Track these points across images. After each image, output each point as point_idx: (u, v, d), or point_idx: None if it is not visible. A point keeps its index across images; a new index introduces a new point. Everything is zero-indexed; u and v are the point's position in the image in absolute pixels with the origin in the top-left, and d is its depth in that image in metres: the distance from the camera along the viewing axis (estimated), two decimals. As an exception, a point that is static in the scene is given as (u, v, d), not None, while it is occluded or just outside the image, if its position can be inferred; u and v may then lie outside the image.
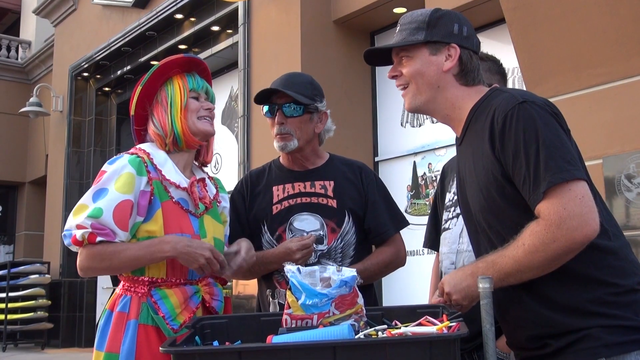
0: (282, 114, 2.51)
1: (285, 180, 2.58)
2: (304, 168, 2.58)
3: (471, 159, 1.82)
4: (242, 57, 8.18)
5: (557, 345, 1.65)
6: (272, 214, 2.53)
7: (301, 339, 1.60)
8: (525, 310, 1.72)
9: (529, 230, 1.61)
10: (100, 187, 2.14)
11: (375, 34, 7.86)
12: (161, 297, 2.12)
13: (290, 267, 1.82)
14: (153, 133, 2.33)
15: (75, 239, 2.07)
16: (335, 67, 7.34)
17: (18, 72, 15.63)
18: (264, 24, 8.01)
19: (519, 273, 1.63)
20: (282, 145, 2.53)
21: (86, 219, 2.07)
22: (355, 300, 1.76)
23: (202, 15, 9.34)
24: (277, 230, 2.52)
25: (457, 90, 1.87)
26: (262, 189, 2.61)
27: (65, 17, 13.04)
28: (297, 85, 2.53)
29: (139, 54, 10.90)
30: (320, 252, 2.45)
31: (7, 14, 19.23)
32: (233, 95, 9.85)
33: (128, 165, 2.18)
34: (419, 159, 7.08)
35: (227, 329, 1.93)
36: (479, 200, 1.78)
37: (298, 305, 1.74)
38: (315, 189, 2.52)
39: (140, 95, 2.32)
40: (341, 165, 2.63)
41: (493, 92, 1.84)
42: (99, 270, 2.17)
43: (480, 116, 1.79)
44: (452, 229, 2.46)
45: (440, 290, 1.80)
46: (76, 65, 12.22)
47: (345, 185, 2.54)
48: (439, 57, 1.87)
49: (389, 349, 1.42)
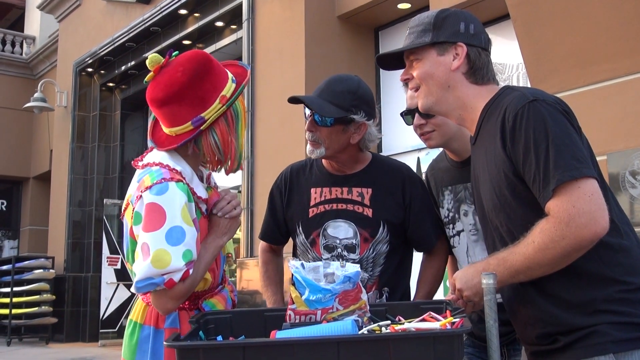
0: (312, 122, 2.44)
1: (323, 183, 2.54)
2: (343, 173, 2.54)
3: (484, 158, 1.83)
4: (246, 53, 8.17)
5: (566, 340, 1.65)
6: (308, 217, 2.52)
7: (305, 334, 1.60)
8: (535, 309, 1.73)
9: (538, 228, 1.61)
10: (171, 227, 1.93)
11: (379, 29, 7.85)
12: (211, 307, 2.13)
13: (294, 263, 1.82)
14: (207, 150, 2.07)
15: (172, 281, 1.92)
16: (340, 62, 7.34)
17: (22, 68, 15.66)
18: (268, 19, 8.01)
19: (529, 270, 1.64)
20: (310, 150, 2.48)
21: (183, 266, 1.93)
22: (359, 295, 1.76)
23: (206, 11, 9.34)
24: (312, 235, 2.51)
25: (468, 89, 1.88)
26: (300, 188, 2.59)
27: (70, 13, 13.06)
28: (334, 94, 2.41)
29: (143, 50, 10.91)
30: (352, 261, 2.38)
31: (12, 9, 19.24)
32: (237, 91, 9.85)
33: (180, 193, 1.98)
34: (423, 154, 7.07)
35: (230, 324, 1.94)
36: (492, 199, 1.80)
37: (302, 301, 1.74)
38: (352, 195, 2.48)
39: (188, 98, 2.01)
40: (383, 170, 2.55)
41: (504, 90, 1.84)
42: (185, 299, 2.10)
43: (492, 115, 1.80)
44: (457, 247, 2.45)
45: (452, 286, 1.81)
46: (80, 61, 12.24)
47: (384, 194, 2.48)
48: (446, 57, 1.88)
49: (393, 344, 1.42)
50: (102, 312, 10.86)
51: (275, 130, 7.56)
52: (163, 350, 2.06)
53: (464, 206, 2.41)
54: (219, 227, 2.12)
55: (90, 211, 12.17)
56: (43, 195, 14.70)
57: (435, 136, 2.40)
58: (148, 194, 1.95)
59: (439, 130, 2.39)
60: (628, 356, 1.59)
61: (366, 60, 7.71)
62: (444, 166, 2.55)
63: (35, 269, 11.94)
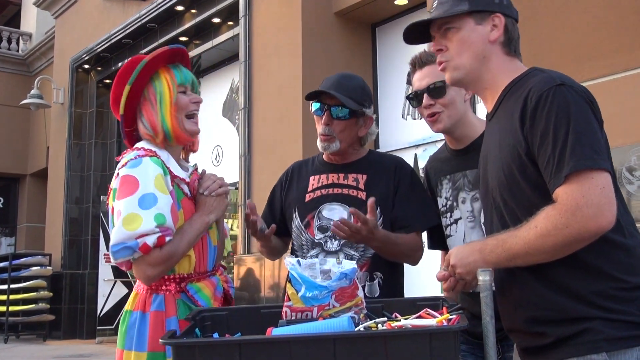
0: (329, 115, 2.54)
1: (322, 171, 2.65)
2: (341, 162, 2.64)
3: (498, 135, 1.80)
4: (243, 49, 8.16)
5: (557, 334, 1.64)
6: (305, 202, 2.60)
7: (301, 331, 1.59)
8: (529, 290, 1.70)
9: (543, 213, 1.59)
10: (144, 193, 2.05)
11: (376, 26, 7.84)
12: (196, 290, 2.17)
13: (290, 260, 1.82)
14: (144, 133, 2.25)
15: (146, 245, 2.01)
16: (337, 59, 7.32)
17: (19, 64, 15.62)
18: (265, 15, 7.99)
19: (527, 255, 1.62)
20: (325, 146, 2.57)
21: (154, 227, 2.02)
22: (355, 292, 1.75)
23: (203, 7, 9.32)
24: (307, 217, 2.58)
25: (501, 61, 1.85)
26: (300, 178, 2.69)
27: (66, 9, 13.03)
28: (348, 89, 2.55)
29: (139, 46, 10.88)
30: (344, 241, 2.46)
31: (8, 5, 19.19)
32: (234, 88, 9.83)
33: (154, 165, 2.13)
34: (420, 151, 7.07)
35: (227, 321, 1.93)
36: (499, 176, 1.76)
37: (298, 298, 1.74)
38: (347, 181, 2.56)
39: (128, 95, 2.23)
40: (377, 160, 2.66)
41: (532, 71, 1.81)
42: (167, 270, 2.14)
43: (515, 93, 1.77)
44: (453, 235, 2.45)
45: (446, 262, 1.78)
46: (77, 58, 12.21)
47: (377, 179, 2.56)
48: (484, 27, 1.84)
49: (389, 341, 1.42)
50: (99, 309, 10.85)
51: (272, 127, 7.55)
52: (148, 332, 2.11)
53: (462, 194, 2.42)
54: (205, 206, 2.21)
55: (87, 208, 12.16)
56: (40, 192, 14.68)
57: (443, 117, 2.42)
58: (123, 169, 2.12)
59: (447, 110, 2.41)
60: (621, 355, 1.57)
61: (363, 57, 7.69)
62: (443, 157, 2.58)
63: (32, 266, 11.92)
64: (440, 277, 1.82)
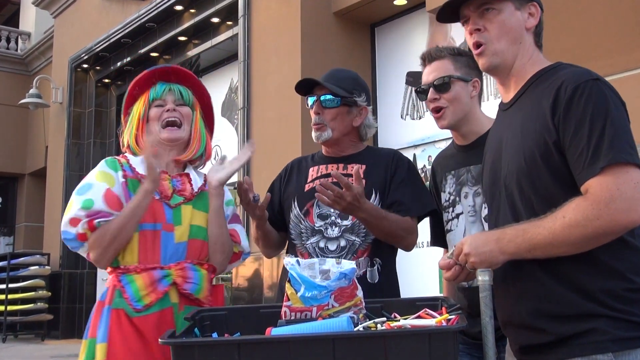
0: (319, 105, 2.61)
1: (321, 162, 2.70)
2: (340, 155, 2.68)
3: (519, 122, 1.77)
4: (242, 49, 8.16)
5: (560, 331, 1.61)
6: (304, 192, 2.63)
7: (300, 331, 1.60)
8: (535, 282, 1.67)
9: (573, 204, 1.57)
10: (83, 184, 2.33)
11: (375, 26, 7.84)
12: (128, 281, 2.26)
13: (290, 260, 1.82)
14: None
15: (80, 234, 2.24)
16: (336, 58, 7.32)
17: (18, 64, 15.61)
18: (264, 15, 7.99)
19: (549, 246, 1.59)
20: (317, 135, 2.63)
21: (79, 211, 2.24)
22: (354, 292, 1.76)
23: (202, 7, 9.32)
24: (306, 206, 2.60)
25: (531, 51, 1.85)
26: (300, 171, 2.73)
27: (65, 9, 13.02)
28: (339, 79, 2.63)
29: (138, 46, 10.87)
30: (345, 227, 2.49)
31: (7, 4, 19.17)
32: (233, 87, 9.83)
33: (104, 164, 2.41)
34: (419, 151, 7.07)
35: (226, 320, 1.94)
36: (518, 163, 1.73)
37: (297, 298, 1.74)
38: (347, 170, 2.59)
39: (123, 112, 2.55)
40: (375, 152, 2.74)
41: (559, 64, 1.80)
42: (110, 249, 2.26)
43: (542, 84, 1.75)
44: (454, 229, 2.46)
45: (457, 249, 1.73)
46: (76, 57, 12.19)
47: (376, 168, 2.60)
48: (523, 14, 1.83)
49: (388, 341, 1.42)
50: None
51: (271, 127, 7.55)
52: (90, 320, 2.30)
53: (465, 188, 2.44)
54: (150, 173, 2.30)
55: (86, 208, 12.13)
56: (38, 192, 14.65)
57: (447, 114, 2.45)
58: None
59: (452, 106, 2.44)
60: (626, 355, 1.56)
61: (362, 57, 7.69)
62: (449, 153, 2.61)
63: (30, 265, 11.91)
64: (443, 264, 1.77)
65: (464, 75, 2.44)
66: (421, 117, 7.26)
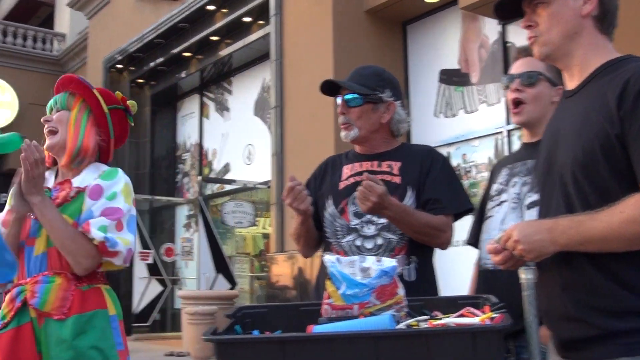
0: (344, 104, 2.60)
1: (355, 160, 2.68)
2: (374, 152, 2.66)
3: (582, 112, 1.73)
4: (274, 48, 8.19)
5: (607, 326, 1.56)
6: (338, 190, 2.62)
7: (342, 328, 1.60)
8: (583, 274, 1.62)
9: (633, 200, 1.53)
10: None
11: (407, 24, 7.82)
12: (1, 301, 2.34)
13: (330, 257, 1.82)
14: None
15: None
16: (368, 57, 7.31)
17: (53, 65, 15.87)
18: (296, 14, 8.01)
19: (603, 241, 1.55)
20: (344, 134, 2.62)
21: None
22: (395, 290, 1.75)
23: (234, 7, 9.38)
24: (341, 204, 2.59)
25: (593, 38, 1.79)
26: (334, 169, 2.72)
27: (99, 10, 13.20)
28: (361, 77, 2.62)
29: (171, 46, 10.99)
30: (381, 225, 2.48)
31: (42, 7, 19.50)
32: (265, 86, 9.87)
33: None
34: (453, 149, 7.03)
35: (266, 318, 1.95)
36: (575, 153, 1.69)
37: (338, 295, 1.74)
38: (381, 167, 2.59)
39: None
40: (411, 150, 2.71)
41: (630, 57, 1.75)
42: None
43: (609, 75, 1.71)
44: (494, 216, 2.45)
45: (505, 236, 1.69)
46: (110, 58, 12.36)
47: (411, 165, 2.59)
48: (576, 1, 1.78)
49: (432, 339, 1.42)
50: (134, 306, 10.97)
51: (304, 125, 7.57)
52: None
53: (515, 178, 2.43)
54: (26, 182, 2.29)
55: (121, 206, 12.25)
56: (74, 191, 14.84)
57: (526, 110, 2.43)
58: None
59: (532, 104, 2.41)
60: None
61: (394, 55, 7.68)
62: (514, 151, 2.62)
63: (68, 263, 12.09)
64: (491, 249, 1.73)
65: (553, 78, 2.43)
66: (455, 115, 7.22)
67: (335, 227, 2.58)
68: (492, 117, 6.81)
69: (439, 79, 7.48)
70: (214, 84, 11.58)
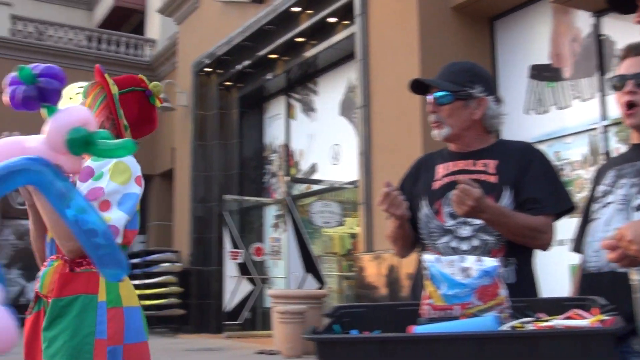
0: (434, 103, 2.55)
1: (449, 159, 2.62)
2: (468, 150, 2.60)
3: None
4: (360, 48, 8.19)
5: None
6: (432, 190, 2.57)
7: (444, 329, 1.58)
8: None
9: None
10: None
11: (494, 19, 7.66)
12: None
13: (429, 257, 1.81)
14: None
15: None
16: (455, 54, 7.20)
17: (145, 70, 16.38)
18: (381, 13, 7.99)
19: None
20: (436, 133, 2.58)
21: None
22: (497, 291, 1.72)
23: (319, 8, 9.44)
24: (435, 204, 2.54)
25: None
26: (428, 168, 2.68)
27: (188, 15, 13.57)
28: (450, 73, 2.56)
29: (257, 48, 11.16)
30: (478, 226, 2.41)
31: (134, 14, 20.22)
32: (351, 86, 9.89)
33: None
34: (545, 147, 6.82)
35: (364, 317, 1.95)
36: None
37: (439, 295, 1.73)
38: (476, 166, 2.53)
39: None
40: (506, 145, 2.65)
41: None
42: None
43: None
44: (600, 218, 2.36)
45: (618, 235, 1.66)
46: (198, 61, 12.68)
47: (508, 163, 2.51)
48: None
49: (540, 342, 1.38)
50: (225, 305, 11.22)
51: (391, 125, 7.53)
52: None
53: (623, 180, 2.33)
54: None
55: (212, 207, 12.56)
56: (167, 192, 15.33)
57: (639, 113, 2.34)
58: None
59: None
60: None
61: (482, 52, 7.53)
62: (623, 152, 2.50)
63: (162, 262, 12.49)
64: (606, 245, 1.70)
65: None
66: (546, 111, 7.02)
67: (429, 228, 2.54)
68: (585, 112, 6.58)
69: (529, 74, 7.29)
70: (299, 84, 11.70)
